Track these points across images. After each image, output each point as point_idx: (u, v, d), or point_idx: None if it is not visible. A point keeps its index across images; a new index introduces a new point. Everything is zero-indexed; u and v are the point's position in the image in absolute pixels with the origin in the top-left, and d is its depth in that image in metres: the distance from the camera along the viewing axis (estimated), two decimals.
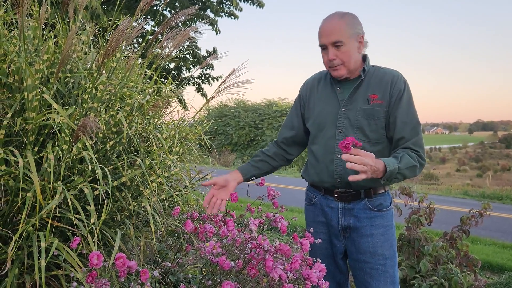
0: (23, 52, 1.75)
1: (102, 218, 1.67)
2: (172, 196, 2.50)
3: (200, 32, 2.63)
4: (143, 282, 1.36)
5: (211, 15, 8.19)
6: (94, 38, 2.66)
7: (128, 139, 2.09)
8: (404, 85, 1.78)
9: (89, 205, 1.65)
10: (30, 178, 1.59)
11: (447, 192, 12.02)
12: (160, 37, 2.34)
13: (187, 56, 8.39)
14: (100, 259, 1.32)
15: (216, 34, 8.19)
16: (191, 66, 8.49)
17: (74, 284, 1.35)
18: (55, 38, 2.17)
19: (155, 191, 2.13)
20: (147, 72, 2.71)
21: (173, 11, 7.78)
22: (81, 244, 1.55)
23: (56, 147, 1.70)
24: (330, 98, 1.85)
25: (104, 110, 2.03)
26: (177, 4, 7.52)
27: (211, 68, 8.96)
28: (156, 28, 6.76)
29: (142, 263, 1.98)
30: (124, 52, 2.61)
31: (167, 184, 2.38)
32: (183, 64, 8.33)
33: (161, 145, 2.22)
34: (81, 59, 2.26)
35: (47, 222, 1.61)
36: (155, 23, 3.09)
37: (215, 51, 8.92)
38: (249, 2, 8.30)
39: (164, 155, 2.24)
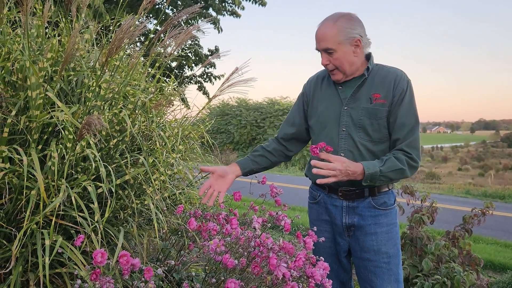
0: (27, 51, 1.75)
1: (106, 216, 1.67)
2: (174, 194, 2.50)
3: (202, 31, 2.63)
4: (147, 280, 1.36)
5: (213, 14, 8.19)
6: (97, 36, 2.66)
7: (131, 138, 2.10)
8: (407, 84, 1.76)
9: (92, 203, 1.66)
10: (34, 176, 1.60)
11: (449, 191, 12.00)
12: (163, 35, 2.34)
13: (189, 54, 8.40)
14: (104, 257, 1.32)
15: (218, 32, 8.19)
16: (193, 65, 8.50)
17: (78, 281, 1.35)
18: (59, 37, 2.18)
19: (158, 189, 2.13)
20: (150, 71, 2.71)
21: (175, 9, 7.80)
22: (84, 242, 1.55)
23: (60, 145, 1.70)
24: (333, 96, 1.85)
25: (107, 108, 2.04)
26: (179, 2, 7.53)
27: (213, 67, 8.97)
28: (158, 27, 6.77)
29: (145, 261, 1.99)
30: (126, 51, 2.61)
31: (170, 182, 2.38)
32: (185, 62, 8.34)
33: (164, 143, 2.23)
34: (84, 58, 2.26)
35: (51, 220, 1.62)
36: (158, 22, 3.09)
37: (217, 50, 8.93)
38: (251, 0, 8.29)
39: (167, 154, 2.24)
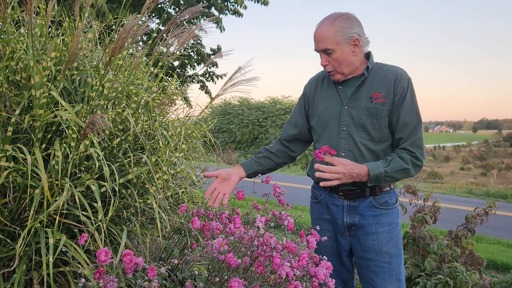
0: (30, 50, 1.75)
1: (109, 215, 1.68)
2: (177, 193, 2.50)
3: (205, 30, 2.64)
4: (151, 278, 1.36)
5: (216, 13, 8.19)
6: (100, 36, 2.67)
7: (134, 137, 2.10)
8: (407, 83, 1.76)
9: (96, 202, 1.66)
10: (38, 175, 1.60)
11: (451, 190, 11.98)
12: (165, 35, 2.34)
13: (192, 54, 8.40)
14: (107, 255, 1.32)
15: (221, 32, 8.21)
16: (196, 64, 8.51)
17: (82, 280, 1.36)
18: (62, 36, 2.18)
19: (161, 188, 2.14)
20: (153, 70, 2.71)
21: (177, 9, 7.80)
22: (88, 241, 1.56)
23: (63, 144, 1.71)
24: (333, 96, 1.85)
25: (110, 107, 2.04)
26: (182, 2, 7.53)
27: (215, 66, 8.98)
28: (161, 26, 6.77)
29: (148, 260, 1.99)
30: (129, 50, 2.61)
31: (172, 181, 2.38)
32: (187, 62, 8.34)
33: (167, 142, 2.23)
34: (87, 57, 2.26)
35: (55, 219, 1.62)
36: (160, 21, 3.10)
37: (219, 49, 8.94)
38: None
39: (170, 153, 2.25)
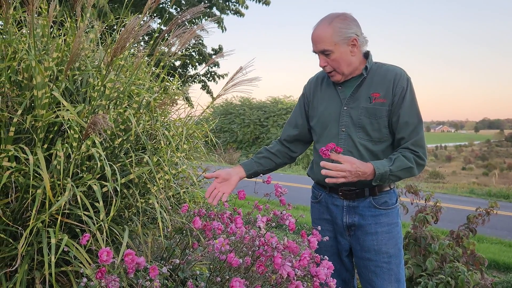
0: (32, 50, 1.76)
1: (111, 215, 1.68)
2: (179, 193, 2.51)
3: (207, 30, 2.64)
4: (152, 278, 1.37)
5: (217, 13, 8.19)
6: (101, 36, 2.67)
7: (136, 137, 2.10)
8: (407, 82, 1.75)
9: (97, 202, 1.66)
10: (40, 175, 1.61)
11: (453, 190, 11.97)
12: (167, 35, 2.34)
13: (193, 54, 8.41)
14: (109, 255, 1.32)
15: (222, 32, 8.20)
16: (197, 64, 8.51)
17: (84, 280, 1.36)
18: (64, 36, 2.19)
19: (162, 188, 2.14)
20: (155, 70, 2.71)
21: (179, 9, 7.81)
22: (90, 241, 1.56)
23: (65, 144, 1.71)
24: (333, 97, 1.85)
25: (112, 107, 2.04)
26: (183, 2, 7.53)
27: (216, 66, 8.98)
28: (162, 26, 6.78)
29: (150, 259, 2.00)
30: (130, 50, 2.62)
31: (174, 181, 2.39)
32: (189, 62, 8.35)
33: (168, 142, 2.23)
34: (89, 57, 2.27)
35: (57, 219, 1.62)
36: (162, 21, 3.10)
37: (221, 49, 8.94)
38: None
39: (171, 153, 2.25)
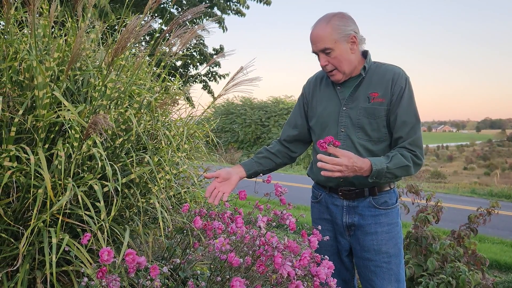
0: (33, 50, 1.76)
1: (112, 214, 1.68)
2: (180, 193, 2.51)
3: (208, 30, 2.64)
4: (153, 278, 1.37)
5: (218, 13, 8.20)
6: (102, 36, 2.68)
7: (137, 137, 2.11)
8: (405, 82, 1.75)
9: (98, 201, 1.67)
10: (41, 175, 1.61)
11: (454, 190, 11.96)
12: (168, 35, 2.35)
13: (194, 54, 8.41)
14: (110, 255, 1.33)
15: (223, 31, 8.20)
16: (198, 64, 8.52)
17: (84, 279, 1.36)
18: (65, 36, 2.19)
19: (163, 188, 2.14)
20: (155, 70, 2.72)
21: (180, 9, 7.81)
22: (91, 240, 1.57)
23: (66, 144, 1.71)
24: (332, 97, 1.84)
25: (113, 107, 2.05)
26: (184, 1, 7.54)
27: (217, 66, 8.98)
28: (163, 26, 6.79)
29: (151, 259, 2.00)
30: (131, 50, 2.62)
31: (175, 181, 2.39)
32: (190, 62, 8.35)
33: (169, 142, 2.24)
34: (90, 57, 2.27)
35: (58, 218, 1.63)
36: (163, 21, 3.11)
37: (222, 49, 8.94)
38: None
39: (172, 152, 2.25)
